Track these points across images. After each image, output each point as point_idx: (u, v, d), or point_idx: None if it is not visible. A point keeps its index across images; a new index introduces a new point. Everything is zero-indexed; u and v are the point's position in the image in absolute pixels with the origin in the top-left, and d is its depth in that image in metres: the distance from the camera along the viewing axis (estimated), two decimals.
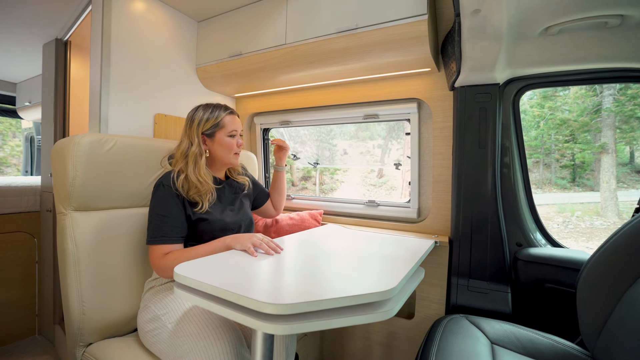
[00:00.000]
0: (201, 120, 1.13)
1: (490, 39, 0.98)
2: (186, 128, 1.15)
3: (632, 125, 2.06)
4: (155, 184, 1.07)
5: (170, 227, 1.02)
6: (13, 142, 4.87)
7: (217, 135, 1.14)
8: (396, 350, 1.44)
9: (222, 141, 1.15)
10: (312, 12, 1.38)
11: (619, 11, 0.86)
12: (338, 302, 0.63)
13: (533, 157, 2.34)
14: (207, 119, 1.13)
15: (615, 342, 0.75)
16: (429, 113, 1.49)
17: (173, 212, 1.03)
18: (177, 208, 1.04)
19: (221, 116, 1.15)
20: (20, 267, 1.88)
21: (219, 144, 1.15)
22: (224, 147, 1.15)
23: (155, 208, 1.03)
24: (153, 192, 1.06)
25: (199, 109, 1.16)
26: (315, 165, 2.11)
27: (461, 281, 1.28)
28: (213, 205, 1.12)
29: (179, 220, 1.04)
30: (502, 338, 1.00)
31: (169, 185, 1.04)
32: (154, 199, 1.05)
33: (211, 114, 1.14)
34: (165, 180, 1.05)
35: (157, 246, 1.00)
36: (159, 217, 1.02)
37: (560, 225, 2.27)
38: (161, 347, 0.94)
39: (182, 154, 1.11)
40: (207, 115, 1.14)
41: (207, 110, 1.15)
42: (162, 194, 1.04)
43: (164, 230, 1.01)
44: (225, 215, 1.15)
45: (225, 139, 1.15)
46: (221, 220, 1.12)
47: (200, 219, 1.07)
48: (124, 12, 1.43)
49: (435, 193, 1.46)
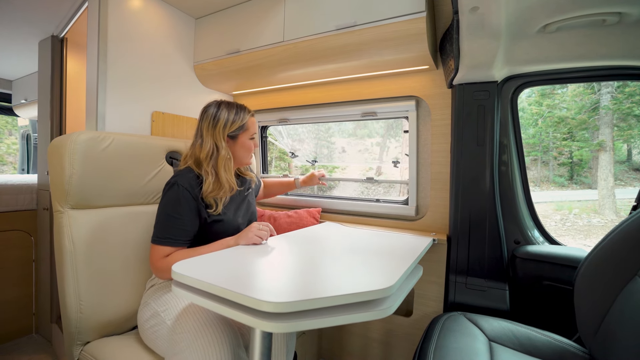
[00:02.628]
0: (227, 121, 1.09)
1: (489, 36, 0.98)
2: (208, 127, 1.09)
3: (629, 123, 2.06)
4: (169, 182, 1.03)
5: (177, 229, 1.00)
6: (9, 140, 4.84)
7: (240, 137, 1.13)
8: (394, 348, 1.44)
9: (244, 144, 1.14)
10: (310, 9, 1.37)
11: (617, 9, 0.85)
12: (336, 300, 0.63)
13: (531, 155, 2.35)
14: (234, 121, 1.10)
15: (613, 339, 0.76)
16: (427, 111, 1.49)
17: (184, 214, 1.00)
18: (190, 211, 1.01)
19: (246, 118, 1.13)
20: (17, 265, 1.87)
21: (241, 146, 1.14)
22: (245, 149, 1.15)
23: (166, 207, 1.01)
24: (165, 190, 1.02)
25: (222, 108, 1.11)
26: (313, 163, 2.10)
27: (459, 279, 1.28)
28: (226, 206, 1.11)
29: (189, 223, 1.01)
30: (499, 335, 1.00)
31: (184, 187, 1.00)
32: (165, 197, 1.02)
33: (236, 115, 1.11)
34: (181, 180, 1.01)
35: (161, 247, 0.99)
36: (168, 217, 1.00)
37: (558, 222, 2.28)
38: (160, 343, 0.94)
39: (207, 155, 1.06)
40: (232, 117, 1.10)
41: (232, 111, 1.11)
42: (175, 194, 1.00)
43: (171, 232, 0.99)
44: (238, 215, 1.16)
45: (247, 141, 1.15)
46: (234, 221, 1.13)
47: (215, 221, 1.06)
48: (121, 9, 1.42)
49: (433, 191, 1.46)
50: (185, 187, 1.00)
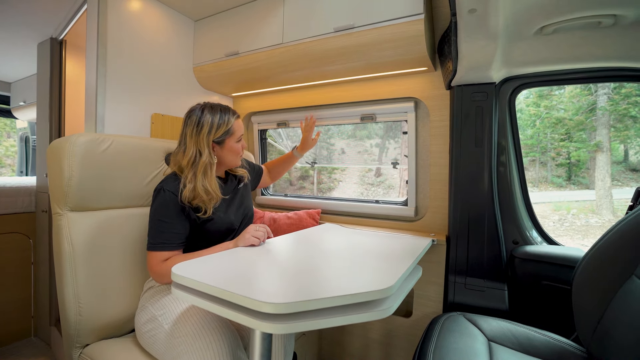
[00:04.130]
0: (212, 127, 1.04)
1: (486, 38, 0.99)
2: (192, 133, 1.05)
3: (626, 124, 2.08)
4: (156, 188, 1.03)
5: (170, 233, 1.00)
6: (8, 142, 4.83)
7: (227, 142, 1.09)
8: (394, 349, 1.45)
9: (232, 148, 1.11)
10: (309, 11, 1.38)
11: (613, 11, 0.86)
12: (336, 301, 0.63)
13: (529, 156, 2.36)
14: (219, 126, 1.05)
15: (610, 337, 0.76)
16: (426, 112, 1.49)
17: (174, 218, 1.00)
18: (180, 215, 1.01)
19: (231, 122, 1.08)
20: (15, 268, 1.87)
21: (229, 151, 1.11)
22: (232, 152, 1.12)
23: (156, 213, 1.00)
24: (154, 196, 1.03)
25: (205, 112, 1.06)
26: (313, 164, 2.11)
27: (458, 279, 1.29)
28: (217, 206, 1.09)
29: (180, 227, 1.01)
30: (499, 335, 1.00)
31: (170, 191, 1.00)
32: (154, 203, 1.02)
33: (220, 119, 1.06)
34: (167, 185, 1.01)
35: (157, 253, 0.99)
36: (159, 223, 1.00)
37: (556, 223, 2.28)
38: (158, 347, 0.93)
39: (189, 162, 1.03)
40: (217, 122, 1.05)
41: (216, 115, 1.06)
42: (162, 199, 1.00)
43: (164, 237, 0.99)
44: (230, 212, 1.15)
45: (234, 145, 1.11)
46: (227, 217, 1.12)
47: (206, 221, 1.06)
48: (120, 11, 1.42)
49: (432, 192, 1.47)
50: (171, 192, 1.00)
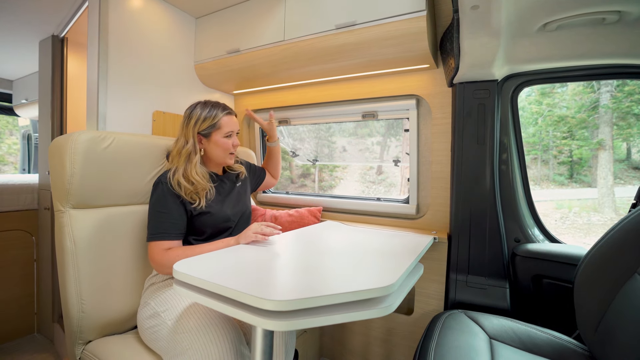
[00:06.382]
0: (198, 119, 1.12)
1: (489, 35, 0.98)
2: (183, 125, 1.14)
3: (629, 122, 2.06)
4: (155, 181, 1.08)
5: (169, 223, 1.03)
6: (10, 140, 4.83)
7: (214, 135, 1.14)
8: (395, 346, 1.45)
9: (218, 142, 1.15)
10: (310, 8, 1.37)
11: (617, 7, 0.86)
12: (337, 298, 0.63)
13: (531, 154, 2.35)
14: (205, 119, 1.12)
15: (612, 336, 0.76)
16: (427, 109, 1.49)
17: (172, 209, 1.05)
18: (176, 205, 1.05)
19: (218, 117, 1.14)
20: (18, 265, 1.88)
21: (215, 144, 1.15)
22: (219, 147, 1.15)
23: (155, 205, 1.05)
24: (152, 189, 1.07)
25: (197, 106, 1.15)
26: (314, 162, 2.11)
27: (460, 277, 1.29)
28: (213, 199, 1.13)
29: (178, 217, 1.05)
30: (500, 333, 1.00)
31: (166, 183, 1.06)
32: (153, 196, 1.06)
33: (208, 113, 1.13)
34: (163, 177, 1.07)
35: (158, 242, 1.02)
36: (158, 214, 1.04)
37: (558, 221, 2.28)
38: (161, 343, 0.94)
39: (177, 152, 1.12)
40: (204, 115, 1.12)
41: (205, 109, 1.13)
42: (160, 191, 1.05)
43: (164, 227, 1.03)
44: (226, 207, 1.17)
45: (221, 139, 1.15)
46: (223, 212, 1.14)
47: (201, 213, 1.09)
48: (121, 9, 1.42)
49: (434, 189, 1.46)
50: (167, 184, 1.05)
